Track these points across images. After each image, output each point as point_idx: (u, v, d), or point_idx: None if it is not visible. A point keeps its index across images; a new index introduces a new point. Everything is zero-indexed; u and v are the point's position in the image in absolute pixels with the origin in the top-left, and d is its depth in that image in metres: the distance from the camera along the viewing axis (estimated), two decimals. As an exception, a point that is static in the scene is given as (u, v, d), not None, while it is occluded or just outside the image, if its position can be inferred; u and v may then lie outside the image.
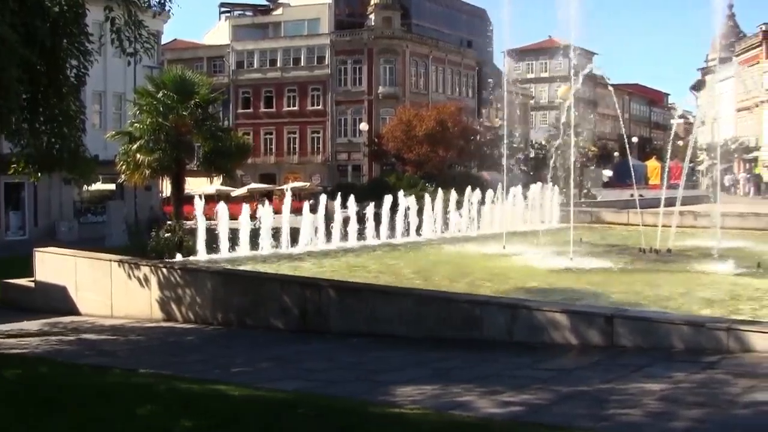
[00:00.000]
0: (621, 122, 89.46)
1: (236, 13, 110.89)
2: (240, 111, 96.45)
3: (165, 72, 42.80)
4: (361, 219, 30.66)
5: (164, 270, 18.44)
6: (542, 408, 8.96)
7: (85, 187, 41.18)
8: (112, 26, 15.27)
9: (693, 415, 8.30)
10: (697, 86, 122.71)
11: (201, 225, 25.98)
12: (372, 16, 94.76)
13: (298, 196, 53.05)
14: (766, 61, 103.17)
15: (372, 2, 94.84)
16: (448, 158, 73.60)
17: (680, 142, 67.35)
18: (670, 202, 31.76)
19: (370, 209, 31.26)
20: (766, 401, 8.72)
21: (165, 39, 69.75)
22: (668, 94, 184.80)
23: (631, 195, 40.00)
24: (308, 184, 76.79)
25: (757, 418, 8.20)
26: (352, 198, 32.01)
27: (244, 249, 26.25)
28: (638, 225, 30.04)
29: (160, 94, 36.76)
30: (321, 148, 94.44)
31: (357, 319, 14.85)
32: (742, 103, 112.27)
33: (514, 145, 58.60)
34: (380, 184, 53.34)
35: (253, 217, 27.46)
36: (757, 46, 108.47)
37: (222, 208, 27.11)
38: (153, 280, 18.39)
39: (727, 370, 10.23)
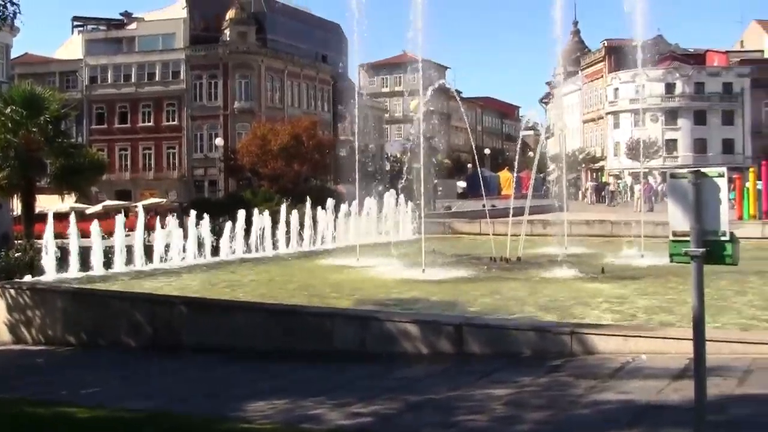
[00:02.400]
0: (472, 135, 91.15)
1: (89, 27, 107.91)
2: (94, 127, 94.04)
3: (14, 87, 41.60)
4: (217, 235, 30.40)
5: (12, 291, 17.84)
6: (392, 417, 9.12)
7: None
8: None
9: (536, 418, 8.59)
10: (546, 99, 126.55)
11: (51, 245, 25.31)
12: (227, 31, 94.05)
13: (155, 212, 52.09)
14: (608, 75, 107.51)
15: (227, 17, 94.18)
16: (303, 172, 73.67)
17: (531, 153, 69.16)
18: (520, 212, 32.63)
19: (225, 225, 31.02)
20: (606, 400, 9.08)
21: (15, 53, 67.59)
22: (519, 107, 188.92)
23: (483, 205, 40.82)
24: (164, 200, 75.64)
25: (596, 417, 8.52)
26: (206, 214, 31.62)
27: (98, 268, 25.69)
28: (489, 234, 30.69)
29: (9, 110, 35.70)
30: (177, 164, 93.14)
31: (209, 335, 14.74)
32: (588, 115, 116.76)
33: (368, 159, 59.17)
34: (236, 199, 52.89)
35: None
36: (600, 61, 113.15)
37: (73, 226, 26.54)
38: (1, 301, 17.82)
39: (570, 373, 10.63)
